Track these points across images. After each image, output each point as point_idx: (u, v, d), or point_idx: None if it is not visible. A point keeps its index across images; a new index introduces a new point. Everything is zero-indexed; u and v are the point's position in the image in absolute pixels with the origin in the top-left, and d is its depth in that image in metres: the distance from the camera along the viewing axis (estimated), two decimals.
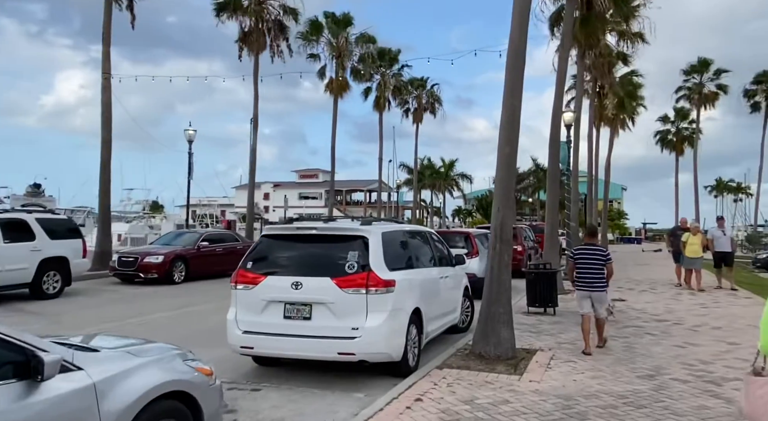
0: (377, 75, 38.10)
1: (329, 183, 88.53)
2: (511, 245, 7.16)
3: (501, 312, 6.89)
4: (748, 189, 64.99)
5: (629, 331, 8.83)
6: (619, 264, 26.33)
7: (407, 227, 7.55)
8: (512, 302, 12.35)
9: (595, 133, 33.89)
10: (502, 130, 7.05)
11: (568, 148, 17.40)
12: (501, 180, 7.04)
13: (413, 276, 6.76)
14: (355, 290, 5.80)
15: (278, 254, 6.32)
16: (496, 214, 7.04)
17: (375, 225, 6.57)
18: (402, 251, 6.89)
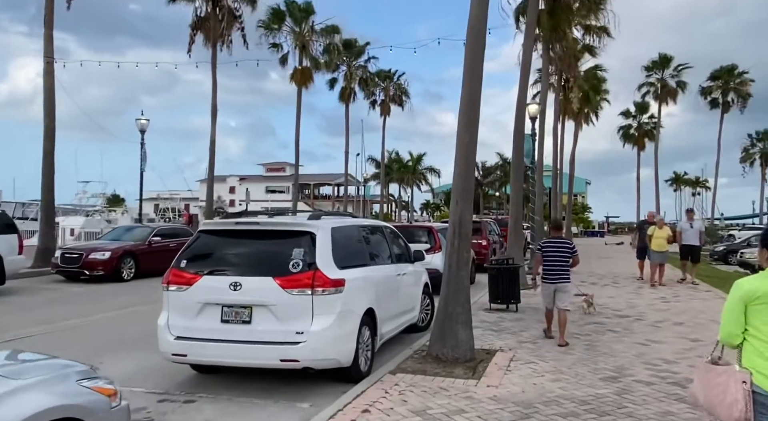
0: (343, 66, 37.47)
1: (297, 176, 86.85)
2: (470, 240, 6.78)
3: (459, 312, 6.50)
4: (706, 183, 67.00)
5: (591, 328, 8.60)
6: (583, 257, 26.28)
7: (361, 222, 7.08)
8: (476, 298, 12.20)
9: (560, 127, 34.15)
10: (461, 116, 6.64)
11: (533, 141, 17.22)
12: (459, 171, 6.63)
13: (367, 274, 6.30)
14: (299, 291, 5.30)
15: (216, 252, 5.76)
16: (454, 207, 6.64)
17: (324, 220, 6.07)
18: (354, 247, 6.42)
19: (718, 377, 2.80)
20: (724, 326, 2.83)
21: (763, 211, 56.53)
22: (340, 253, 5.87)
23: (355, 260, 6.27)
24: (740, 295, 2.76)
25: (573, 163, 39.95)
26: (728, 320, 2.80)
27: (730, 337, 2.80)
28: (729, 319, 2.79)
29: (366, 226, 7.19)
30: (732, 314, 2.78)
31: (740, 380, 2.70)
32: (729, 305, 2.82)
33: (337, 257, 5.75)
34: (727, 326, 2.81)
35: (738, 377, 2.72)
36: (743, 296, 2.74)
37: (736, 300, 2.77)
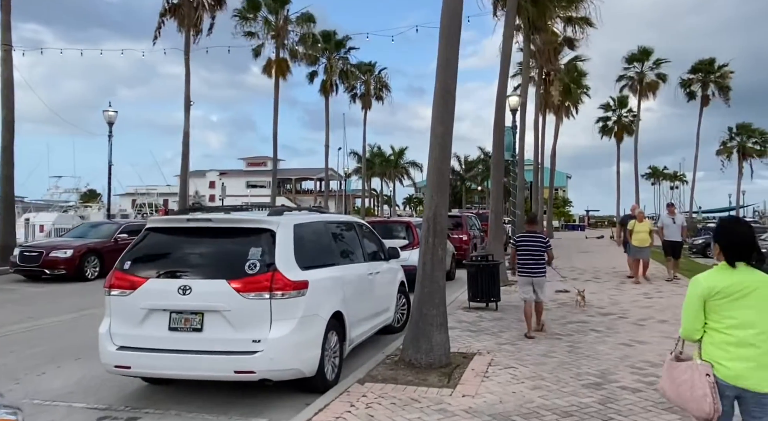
0: (323, 58, 36.75)
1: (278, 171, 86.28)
2: (446, 237, 6.33)
3: (434, 314, 6.06)
4: (684, 177, 67.71)
5: (573, 327, 8.24)
6: (563, 252, 26.37)
7: (329, 218, 6.58)
8: (455, 296, 11.80)
9: (542, 120, 33.96)
10: (436, 107, 6.17)
11: (514, 134, 16.86)
12: (434, 164, 6.17)
13: (334, 274, 5.83)
14: (256, 295, 4.81)
15: (164, 252, 5.22)
16: (429, 201, 6.18)
17: (286, 215, 5.57)
18: (320, 245, 5.94)
19: (684, 374, 2.86)
20: (685, 323, 2.90)
21: (740, 204, 57.30)
22: (304, 252, 5.39)
23: (322, 259, 5.80)
24: (699, 291, 2.82)
25: (554, 156, 39.85)
26: (688, 316, 2.87)
27: (691, 332, 2.88)
28: (689, 315, 2.87)
29: (335, 222, 6.70)
30: (692, 311, 2.85)
31: (704, 373, 2.77)
32: (688, 301, 2.88)
33: (300, 256, 5.26)
34: (688, 322, 2.88)
35: (701, 370, 2.78)
36: (702, 293, 2.81)
37: (696, 297, 2.83)
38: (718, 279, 2.80)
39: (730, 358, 2.74)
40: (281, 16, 29.85)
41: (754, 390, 2.72)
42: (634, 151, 41.69)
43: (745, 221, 3.09)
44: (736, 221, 3.01)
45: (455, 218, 19.09)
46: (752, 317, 2.74)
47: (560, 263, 20.11)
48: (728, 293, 2.76)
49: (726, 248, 2.83)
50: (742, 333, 2.73)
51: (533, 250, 7.69)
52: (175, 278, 4.94)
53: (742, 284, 2.76)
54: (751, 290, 2.75)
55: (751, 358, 2.72)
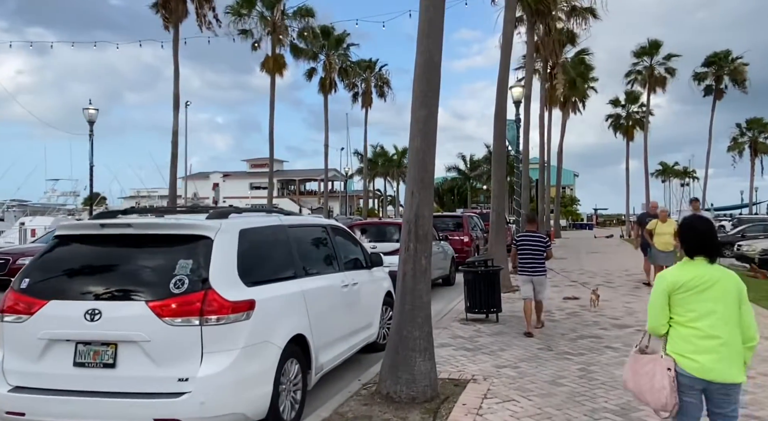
0: (322, 55, 35.79)
1: (280, 172, 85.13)
2: (431, 243, 5.27)
3: (416, 336, 5.01)
4: (694, 173, 66.18)
5: (585, 344, 7.15)
6: (572, 252, 25.23)
7: (293, 221, 5.51)
8: (452, 305, 10.72)
9: (547, 115, 32.78)
10: (417, 83, 5.13)
11: (518, 127, 15.76)
12: (416, 155, 5.12)
13: (295, 289, 4.81)
14: (183, 320, 3.79)
15: (72, 266, 4.19)
16: (409, 200, 5.13)
17: (232, 218, 4.53)
18: (278, 255, 4.91)
19: (646, 366, 2.92)
20: (651, 317, 2.96)
21: (753, 201, 55.81)
22: (253, 263, 4.37)
23: (279, 271, 4.77)
24: (663, 286, 2.91)
25: (561, 153, 38.60)
26: (654, 311, 2.94)
27: (657, 327, 2.93)
28: (655, 310, 2.94)
29: (300, 226, 5.65)
30: (657, 305, 2.92)
31: (665, 367, 2.83)
32: (654, 296, 2.96)
33: (247, 269, 4.25)
34: (654, 316, 2.94)
35: (663, 364, 2.85)
36: (666, 288, 2.89)
37: (660, 292, 2.91)
38: (681, 273, 2.89)
39: (695, 351, 2.79)
40: (278, 11, 28.85)
41: (719, 381, 2.78)
42: (644, 147, 40.40)
43: (705, 218, 3.16)
44: (697, 218, 3.13)
45: (456, 218, 18.04)
46: (714, 309, 2.80)
47: (568, 264, 19.02)
48: (690, 286, 2.83)
49: (685, 243, 2.95)
50: (705, 325, 2.79)
51: (533, 249, 7.76)
52: (82, 299, 3.92)
53: (703, 278, 2.84)
54: (713, 283, 2.83)
55: (715, 349, 2.77)
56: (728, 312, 2.81)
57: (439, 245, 13.30)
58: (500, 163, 12.08)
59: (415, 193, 5.08)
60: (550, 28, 25.51)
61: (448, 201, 70.03)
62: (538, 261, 7.72)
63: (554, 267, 17.16)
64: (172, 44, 22.35)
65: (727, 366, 2.77)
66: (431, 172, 5.18)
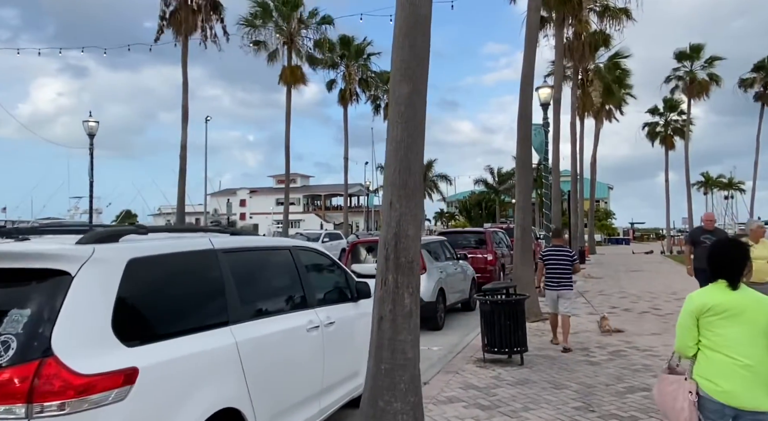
0: (342, 65, 34.80)
1: (307, 188, 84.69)
2: (418, 275, 3.77)
3: (397, 410, 3.51)
4: (741, 185, 62.53)
5: (637, 401, 5.47)
6: (609, 270, 23.13)
7: (228, 243, 4.00)
8: (470, 338, 9.09)
9: (579, 124, 30.85)
10: (396, 50, 3.68)
11: (546, 133, 14.12)
12: (396, 150, 3.66)
13: (224, 342, 3.37)
14: (5, 409, 2.39)
15: None
16: (387, 213, 3.66)
17: (124, 242, 3.11)
18: (197, 293, 3.46)
19: (670, 386, 2.95)
20: (679, 339, 2.93)
21: None
22: (147, 309, 3.00)
23: (196, 318, 3.34)
24: (691, 309, 2.87)
25: (594, 164, 36.48)
26: (681, 332, 2.90)
27: (684, 348, 2.91)
28: (682, 331, 2.90)
29: (245, 250, 4.17)
30: (684, 327, 2.89)
31: (687, 389, 2.83)
32: (682, 318, 2.93)
33: (134, 319, 2.87)
34: (681, 338, 2.92)
35: (686, 387, 2.85)
36: (694, 310, 2.85)
37: (688, 314, 2.88)
38: (711, 296, 2.83)
39: (721, 376, 2.75)
40: (294, 21, 27.94)
41: (749, 409, 2.70)
42: (685, 156, 37.87)
43: (735, 241, 3.11)
44: (724, 243, 3.05)
45: (478, 233, 16.42)
46: (743, 335, 2.74)
47: (606, 285, 17.08)
48: (719, 310, 2.79)
49: (718, 268, 2.87)
50: (732, 351, 2.74)
51: (560, 264, 7.80)
52: None
53: (733, 303, 2.78)
54: (743, 309, 2.77)
55: (742, 376, 2.71)
56: (757, 339, 2.74)
57: (457, 265, 11.74)
58: (525, 171, 10.46)
59: (394, 203, 3.60)
60: (580, 30, 23.89)
61: (476, 215, 68.04)
62: (564, 276, 7.78)
63: (590, 289, 15.34)
64: (181, 57, 21.59)
65: (755, 393, 2.70)
66: (417, 174, 3.70)
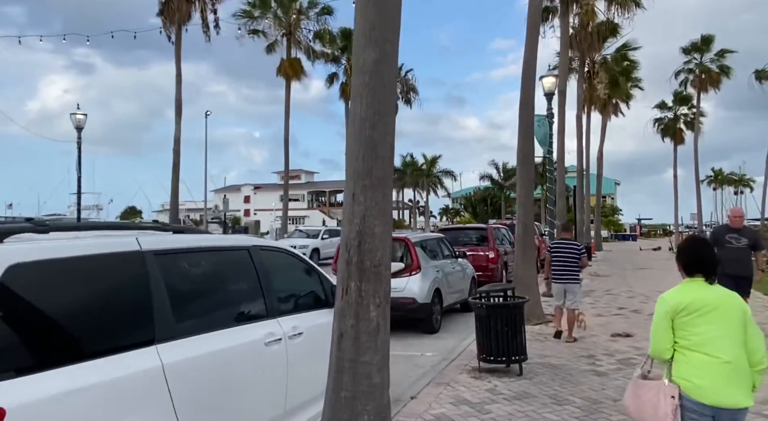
0: (343, 59, 34.08)
1: (311, 184, 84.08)
2: (387, 281, 3.12)
3: None
4: (752, 181, 61.40)
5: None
6: (616, 268, 22.35)
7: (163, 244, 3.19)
8: (467, 343, 8.40)
9: (585, 117, 30.04)
10: (361, 11, 3.04)
11: (550, 124, 13.42)
12: (360, 128, 3.02)
13: (145, 365, 2.81)
14: None
15: None
16: (350, 208, 3.02)
17: (14, 243, 2.49)
18: (110, 306, 2.82)
19: (649, 392, 2.83)
20: (654, 342, 2.85)
21: None
22: (28, 329, 2.51)
23: (107, 337, 2.74)
24: (665, 309, 2.81)
25: (601, 159, 35.59)
26: (657, 335, 2.83)
27: (661, 351, 2.83)
28: (658, 334, 2.83)
29: (185, 251, 3.45)
30: (660, 329, 2.82)
31: (669, 394, 2.73)
32: (656, 320, 2.86)
33: (7, 342, 2.27)
34: (657, 341, 2.84)
35: (667, 391, 2.75)
36: (668, 311, 2.79)
37: (663, 315, 2.81)
38: (683, 295, 2.80)
39: (701, 375, 2.69)
40: (293, 11, 27.24)
41: (728, 407, 2.67)
42: (695, 150, 36.96)
43: (702, 238, 3.26)
44: (694, 240, 3.13)
45: (479, 230, 15.75)
46: (719, 332, 2.71)
47: (614, 283, 16.37)
48: (693, 309, 2.75)
49: (691, 266, 2.86)
50: (711, 349, 2.70)
51: (567, 256, 7.79)
52: None
53: (705, 300, 2.76)
54: (716, 306, 2.75)
55: (721, 374, 2.67)
56: (734, 335, 2.72)
57: (455, 263, 11.09)
58: (527, 164, 9.76)
59: (357, 195, 2.97)
60: (587, 19, 23.08)
61: (481, 211, 67.33)
62: (571, 269, 7.79)
63: (596, 288, 14.66)
64: (174, 47, 20.97)
65: (734, 391, 2.66)
66: (387, 159, 3.05)
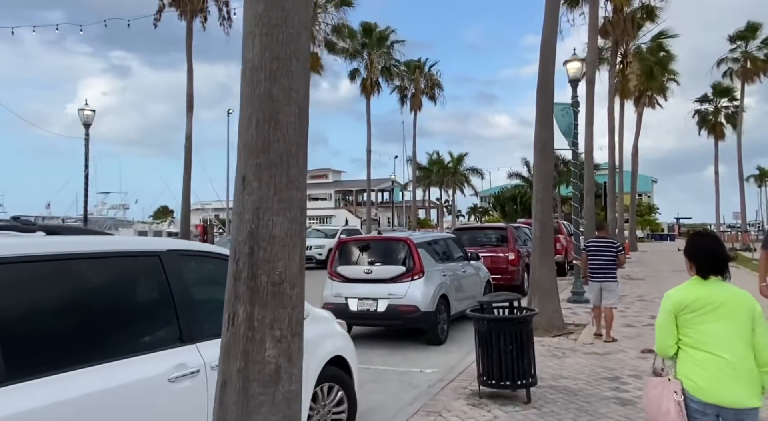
0: (364, 54, 33.28)
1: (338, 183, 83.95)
2: (298, 300, 2.18)
3: None
4: None
5: None
6: (651, 270, 20.81)
7: (16, 248, 2.50)
8: (469, 359, 7.06)
9: (618, 110, 28.38)
10: None
11: (575, 114, 12.23)
12: (252, 80, 2.09)
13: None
14: None
15: None
16: (240, 198, 2.09)
17: None
18: None
19: (655, 389, 2.85)
20: (658, 339, 2.86)
21: None
22: None
23: None
24: (669, 306, 2.81)
25: (636, 154, 33.79)
26: (661, 332, 2.84)
27: (665, 348, 2.83)
28: (661, 331, 2.84)
29: (57, 257, 2.62)
30: (664, 326, 2.82)
31: (672, 390, 2.75)
32: (660, 317, 2.87)
33: None
34: (661, 338, 2.85)
35: (670, 387, 2.76)
36: (672, 308, 2.79)
37: (666, 312, 2.81)
38: (688, 293, 2.79)
39: (703, 373, 2.67)
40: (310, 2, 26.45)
41: (732, 406, 2.64)
42: (738, 145, 34.70)
43: (713, 234, 3.11)
44: (705, 235, 3.02)
45: (499, 230, 14.66)
46: (722, 330, 2.68)
47: (647, 288, 14.99)
48: (697, 307, 2.73)
49: (700, 262, 2.80)
50: (713, 348, 2.67)
51: (604, 255, 7.79)
52: None
53: (710, 298, 2.73)
54: (720, 304, 2.72)
55: (724, 372, 2.63)
56: (739, 334, 2.66)
57: (467, 266, 10.07)
58: (545, 155, 8.63)
59: (249, 179, 2.06)
60: (620, 3, 21.62)
61: (510, 210, 65.61)
62: (608, 267, 7.79)
63: (628, 293, 13.40)
64: (186, 40, 20.39)
65: (738, 390, 2.61)
66: (294, 127, 2.12)
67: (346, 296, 8.37)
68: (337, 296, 8.46)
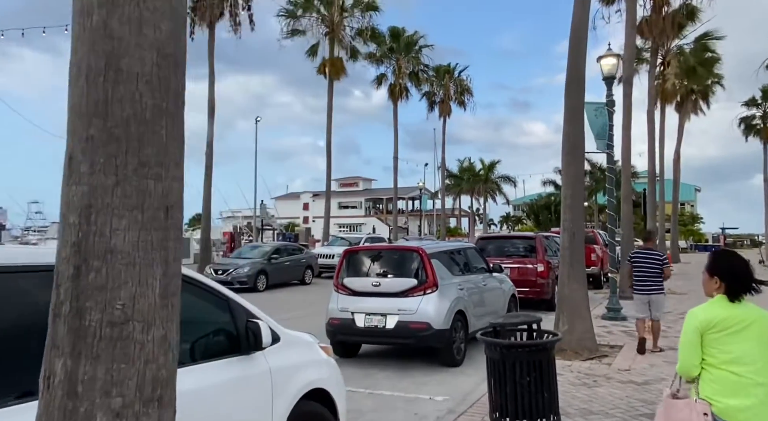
0: (392, 59, 32.69)
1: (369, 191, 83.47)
2: (148, 348, 1.44)
3: None
4: None
5: None
6: (694, 284, 19.21)
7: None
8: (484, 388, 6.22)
9: (659, 114, 26.87)
10: None
11: (610, 115, 11.22)
12: (83, 8, 1.36)
13: None
14: None
15: None
16: (65, 188, 1.37)
17: None
18: None
19: (680, 412, 2.70)
20: (682, 358, 2.79)
21: None
22: None
23: None
24: (696, 325, 2.73)
25: (678, 161, 31.99)
26: (685, 351, 2.77)
27: (689, 368, 2.75)
28: (686, 350, 2.77)
29: None
30: (689, 345, 2.75)
31: (701, 412, 2.63)
32: (685, 335, 2.81)
33: None
34: (685, 357, 2.78)
35: (699, 409, 2.65)
36: (699, 326, 2.72)
37: (693, 330, 2.74)
38: (715, 312, 2.72)
39: (729, 395, 2.59)
40: (336, 8, 26.01)
41: None
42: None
43: (740, 256, 2.92)
44: (732, 254, 2.96)
45: (527, 239, 13.67)
46: (750, 351, 2.62)
47: (690, 303, 13.59)
48: (725, 326, 2.67)
49: (731, 281, 2.74)
50: (740, 368, 2.61)
51: (650, 267, 7.57)
52: None
53: (738, 318, 2.68)
54: (749, 324, 2.67)
55: (751, 394, 2.56)
56: (765, 354, 2.58)
57: (488, 279, 9.17)
58: (575, 156, 7.69)
59: (78, 159, 1.33)
60: (660, 2, 20.39)
61: (544, 219, 63.81)
62: (655, 279, 7.58)
63: (671, 309, 12.20)
64: (207, 46, 20.24)
65: (765, 412, 2.52)
66: (162, 88, 1.39)
67: (352, 310, 7.64)
68: (342, 310, 7.73)
